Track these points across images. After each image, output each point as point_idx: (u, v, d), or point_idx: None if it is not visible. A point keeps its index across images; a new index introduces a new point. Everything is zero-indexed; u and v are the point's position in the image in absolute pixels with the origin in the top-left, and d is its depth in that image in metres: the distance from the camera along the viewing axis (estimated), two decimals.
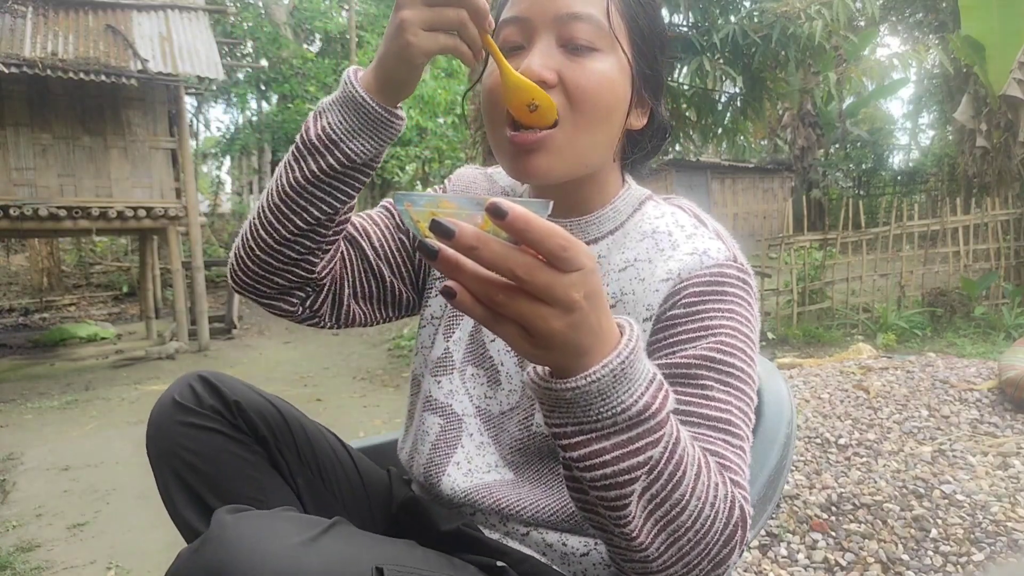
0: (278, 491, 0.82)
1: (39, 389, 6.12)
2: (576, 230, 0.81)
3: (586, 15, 0.71)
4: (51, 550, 2.77)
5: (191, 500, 0.78)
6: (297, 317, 0.86)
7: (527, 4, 0.73)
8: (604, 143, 0.76)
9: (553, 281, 0.45)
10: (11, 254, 14.58)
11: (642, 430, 0.51)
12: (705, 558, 0.57)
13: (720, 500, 0.57)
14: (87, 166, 7.53)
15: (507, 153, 0.75)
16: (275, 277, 0.81)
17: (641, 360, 0.52)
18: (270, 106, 17.09)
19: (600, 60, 0.72)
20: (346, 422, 4.68)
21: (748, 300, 0.72)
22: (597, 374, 0.49)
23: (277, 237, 0.78)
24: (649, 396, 0.52)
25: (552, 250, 0.44)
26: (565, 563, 0.76)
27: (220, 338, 8.66)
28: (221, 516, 0.60)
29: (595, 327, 0.48)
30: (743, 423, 0.66)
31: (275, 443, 0.82)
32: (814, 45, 5.07)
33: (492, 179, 0.93)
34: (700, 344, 0.67)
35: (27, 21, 7.42)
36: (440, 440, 0.85)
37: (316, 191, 0.76)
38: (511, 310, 0.46)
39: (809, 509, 2.21)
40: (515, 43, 0.75)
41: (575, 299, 0.46)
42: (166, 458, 0.79)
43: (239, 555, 0.54)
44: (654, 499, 0.54)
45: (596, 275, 0.47)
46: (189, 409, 0.79)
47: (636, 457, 0.51)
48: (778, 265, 6.62)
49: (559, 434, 0.53)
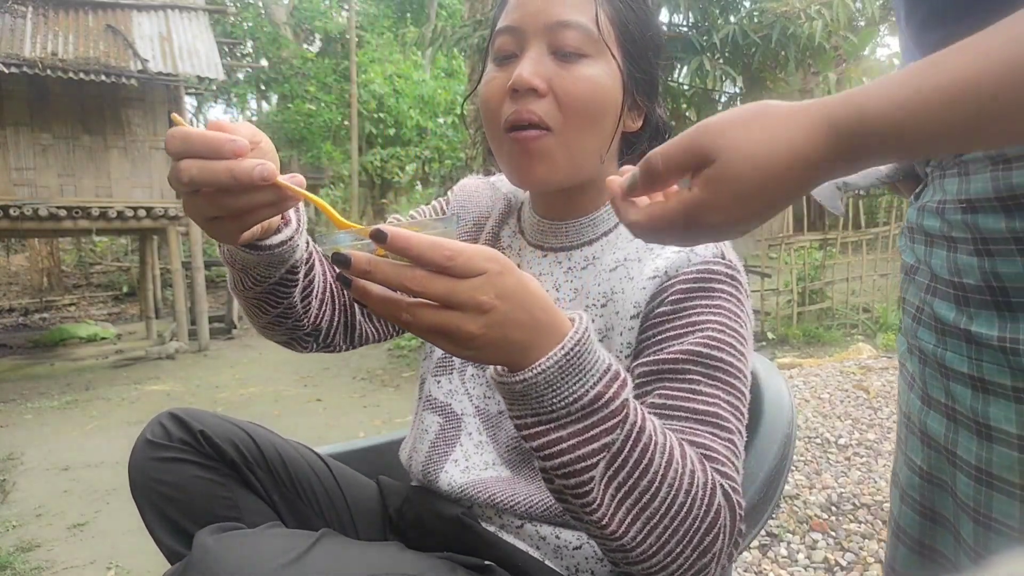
0: (254, 509, 0.84)
1: (39, 389, 6.12)
2: (572, 232, 0.83)
3: (575, 23, 0.73)
4: (51, 550, 2.77)
5: (171, 529, 0.81)
6: (314, 351, 0.91)
7: (519, 14, 0.75)
8: (597, 146, 0.78)
9: (452, 288, 0.48)
10: (11, 254, 14.59)
11: (596, 419, 0.54)
12: (688, 546, 0.58)
13: (698, 487, 0.58)
14: (87, 166, 7.54)
15: (507, 161, 0.78)
16: (279, 335, 0.86)
17: (592, 351, 0.54)
18: (270, 106, 17.11)
19: (589, 66, 0.74)
20: (346, 422, 4.68)
21: (737, 296, 0.72)
22: (542, 366, 0.52)
23: (259, 322, 0.84)
24: (602, 386, 0.54)
25: (437, 261, 0.47)
26: (558, 556, 0.77)
27: (220, 338, 8.66)
28: (203, 539, 0.61)
29: (525, 322, 0.51)
30: (732, 416, 0.67)
31: (245, 464, 0.85)
32: (814, 45, 5.07)
33: (495, 187, 0.95)
34: (687, 340, 0.68)
35: (27, 21, 7.43)
36: (439, 439, 0.86)
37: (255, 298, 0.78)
38: (424, 321, 0.49)
39: (809, 509, 2.21)
40: (509, 52, 0.76)
41: (483, 301, 0.49)
42: (144, 493, 0.82)
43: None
44: (621, 487, 0.56)
45: (508, 276, 0.50)
46: (160, 445, 0.82)
47: (591, 445, 0.54)
48: (778, 265, 6.63)
49: (519, 425, 0.56)
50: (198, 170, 0.55)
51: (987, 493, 0.58)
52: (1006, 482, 0.56)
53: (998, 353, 0.57)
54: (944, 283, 0.63)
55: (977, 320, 0.59)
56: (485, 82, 0.79)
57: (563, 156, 0.75)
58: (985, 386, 0.58)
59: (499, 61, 0.77)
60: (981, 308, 0.59)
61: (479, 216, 0.93)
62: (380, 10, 16.93)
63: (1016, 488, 0.56)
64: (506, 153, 0.77)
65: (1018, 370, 0.55)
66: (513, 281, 0.51)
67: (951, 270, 0.62)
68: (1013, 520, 0.56)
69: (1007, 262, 0.56)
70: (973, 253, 0.59)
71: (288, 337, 0.86)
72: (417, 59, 14.87)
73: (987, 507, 0.58)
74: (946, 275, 0.62)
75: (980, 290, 0.58)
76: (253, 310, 0.80)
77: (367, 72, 13.84)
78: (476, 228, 0.92)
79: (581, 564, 0.76)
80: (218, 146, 0.55)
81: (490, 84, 0.77)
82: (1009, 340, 0.56)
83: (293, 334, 0.85)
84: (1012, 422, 0.56)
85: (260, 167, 0.55)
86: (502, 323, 0.50)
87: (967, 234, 0.59)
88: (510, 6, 0.77)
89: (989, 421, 0.58)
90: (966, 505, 0.60)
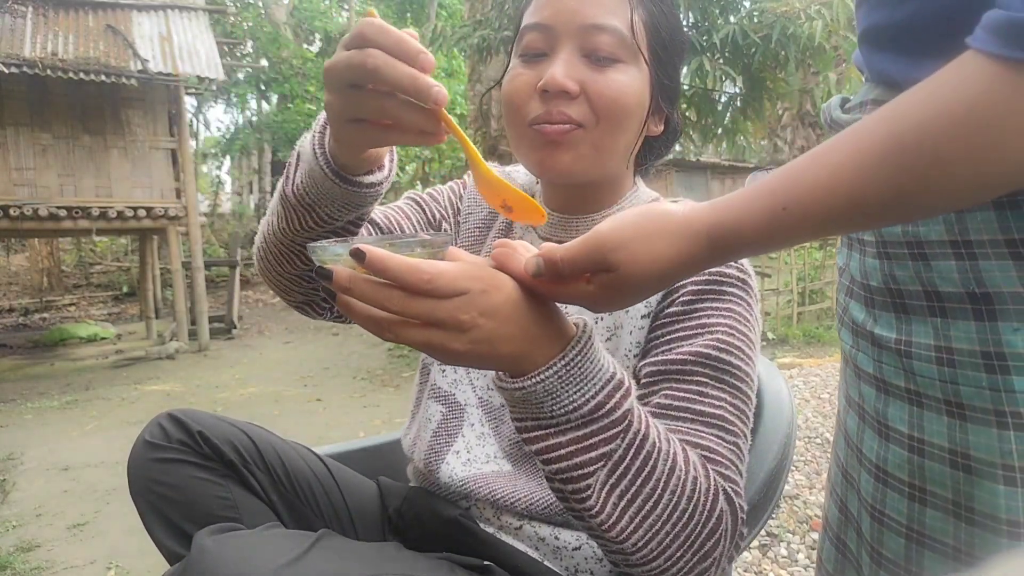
0: (252, 509, 0.84)
1: (39, 389, 6.12)
2: (582, 227, 0.83)
3: (610, 27, 0.72)
4: (51, 550, 2.77)
5: (170, 530, 0.81)
6: (328, 319, 0.87)
7: (551, 11, 0.74)
8: (623, 149, 0.78)
9: (433, 308, 0.48)
10: (11, 254, 14.58)
11: (596, 427, 0.54)
12: (688, 550, 0.59)
13: (700, 494, 0.58)
14: (87, 166, 7.54)
15: (529, 152, 0.76)
16: (294, 293, 0.82)
17: (594, 360, 0.55)
18: (270, 106, 17.11)
19: (622, 71, 0.73)
20: (346, 422, 4.68)
21: (747, 300, 0.72)
22: (542, 375, 0.53)
23: (286, 273, 0.79)
24: (604, 395, 0.54)
25: (415, 284, 0.48)
26: (557, 557, 0.77)
27: (220, 338, 8.66)
28: (202, 539, 0.61)
29: (515, 336, 0.51)
30: (738, 419, 0.67)
31: (243, 464, 0.85)
32: (814, 45, 5.06)
33: (510, 178, 0.94)
34: (696, 341, 0.68)
35: (27, 21, 7.42)
36: (442, 428, 0.86)
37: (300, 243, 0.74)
38: (408, 339, 0.50)
39: (809, 509, 2.21)
40: (538, 50, 0.75)
41: (464, 320, 0.49)
42: (143, 494, 0.82)
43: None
44: (624, 495, 0.56)
45: (493, 294, 0.50)
46: (158, 446, 0.82)
47: (589, 453, 0.54)
48: (778, 265, 6.63)
49: (519, 427, 0.56)
50: (385, 63, 0.53)
51: (882, 490, 0.61)
52: (897, 479, 0.59)
53: (895, 355, 0.59)
54: (858, 285, 0.65)
55: (880, 322, 0.61)
56: (511, 78, 0.77)
57: (590, 151, 0.74)
58: (886, 387, 0.61)
59: (527, 58, 0.76)
60: (883, 310, 0.61)
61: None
62: (380, 10, 16.93)
63: (904, 486, 0.59)
64: (528, 142, 0.76)
65: (910, 372, 0.57)
66: (500, 298, 0.51)
67: (862, 273, 0.64)
68: (902, 517, 0.59)
69: (901, 265, 0.58)
70: (876, 256, 0.61)
71: (307, 298, 0.82)
72: None
73: (882, 504, 0.61)
74: (859, 277, 0.65)
75: (882, 292, 0.61)
76: (288, 257, 0.76)
77: None
78: (491, 215, 0.92)
79: (580, 565, 0.76)
80: (412, 52, 0.54)
81: (516, 80, 0.76)
82: (904, 343, 0.58)
83: (315, 295, 0.82)
84: (904, 422, 0.58)
85: (438, 88, 0.54)
86: (489, 339, 0.50)
87: (873, 237, 0.62)
88: (541, 2, 0.75)
89: (887, 421, 0.60)
90: (866, 502, 0.63)
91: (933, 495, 0.56)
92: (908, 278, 0.57)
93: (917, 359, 0.57)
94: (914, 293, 0.57)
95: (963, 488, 0.54)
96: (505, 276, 0.52)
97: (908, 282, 0.57)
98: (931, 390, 0.56)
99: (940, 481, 0.56)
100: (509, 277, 0.52)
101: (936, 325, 0.55)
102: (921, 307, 0.57)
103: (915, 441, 0.57)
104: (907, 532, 0.58)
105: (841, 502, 0.69)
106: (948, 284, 0.54)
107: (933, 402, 0.56)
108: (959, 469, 0.54)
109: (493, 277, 0.51)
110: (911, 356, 0.57)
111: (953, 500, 0.55)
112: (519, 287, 0.52)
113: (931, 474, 0.56)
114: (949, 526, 0.55)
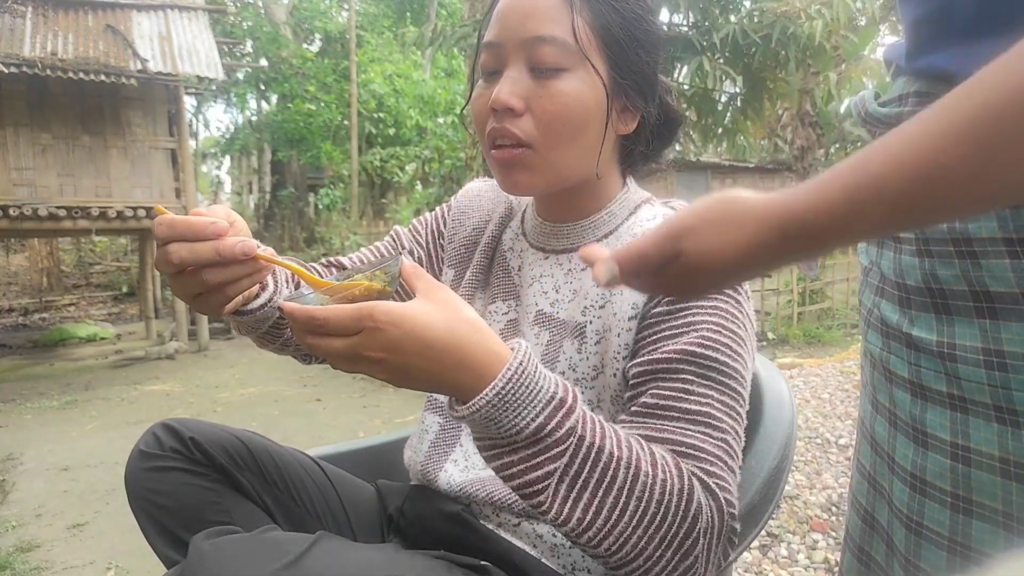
0: (245, 512, 0.85)
1: (39, 389, 6.12)
2: (573, 235, 0.83)
3: (550, 37, 0.72)
4: (51, 550, 2.77)
5: (167, 538, 0.82)
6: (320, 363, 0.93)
7: (498, 29, 0.75)
8: (581, 157, 0.77)
9: (338, 347, 0.55)
10: (11, 254, 14.58)
11: (540, 447, 0.57)
12: (668, 550, 0.59)
13: (670, 495, 0.59)
14: (87, 166, 7.54)
15: (494, 170, 0.79)
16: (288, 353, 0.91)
17: (530, 385, 0.57)
18: (270, 106, 17.10)
19: (567, 80, 0.73)
20: (346, 422, 4.68)
21: (736, 297, 0.72)
22: (479, 403, 0.56)
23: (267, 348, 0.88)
24: (544, 417, 0.56)
25: (315, 328, 0.54)
26: (555, 554, 0.77)
27: (220, 338, 8.66)
28: (198, 544, 0.61)
29: (428, 368, 0.55)
30: (726, 416, 0.66)
31: (235, 468, 0.86)
32: (814, 45, 5.07)
33: (499, 190, 0.95)
34: (681, 339, 0.68)
35: (27, 21, 7.42)
36: (439, 438, 0.87)
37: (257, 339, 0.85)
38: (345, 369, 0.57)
39: (809, 509, 2.21)
40: (491, 68, 0.76)
41: (370, 356, 0.54)
42: (139, 503, 0.83)
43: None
44: (589, 507, 0.58)
45: (389, 330, 0.54)
46: (152, 455, 0.83)
47: (537, 471, 0.57)
48: None
49: (479, 447, 0.60)
50: (187, 251, 0.61)
51: (920, 500, 0.58)
52: (938, 489, 0.56)
53: (935, 358, 0.56)
54: (891, 284, 0.62)
55: (917, 323, 0.58)
56: (473, 99, 0.80)
57: (544, 167, 0.76)
58: (923, 392, 0.58)
59: (485, 77, 0.78)
60: (921, 311, 0.58)
61: (480, 220, 0.93)
62: (380, 10, 16.91)
63: (947, 496, 0.55)
64: (491, 163, 0.78)
65: (953, 376, 0.55)
66: (397, 334, 0.54)
67: (896, 271, 0.61)
68: (944, 528, 0.56)
69: (945, 264, 0.55)
70: (915, 254, 0.58)
71: (298, 354, 0.92)
72: (417, 59, 14.85)
73: (920, 514, 0.58)
74: (892, 276, 0.62)
75: (920, 291, 0.58)
76: (259, 343, 0.86)
77: (367, 72, 13.82)
78: (476, 232, 0.93)
79: (578, 562, 0.76)
80: (201, 229, 0.61)
81: (476, 101, 0.78)
82: (946, 345, 0.55)
83: (298, 352, 0.91)
84: (946, 429, 0.55)
85: (241, 243, 0.62)
86: (401, 370, 0.55)
87: (911, 234, 0.59)
88: (491, 21, 0.77)
89: (925, 427, 0.57)
90: (900, 512, 0.60)
91: (980, 506, 0.53)
92: (952, 277, 0.54)
93: (963, 363, 0.54)
94: (959, 293, 0.54)
95: (1016, 499, 0.51)
96: (410, 312, 0.55)
97: (952, 281, 0.54)
98: (978, 395, 0.53)
99: (989, 492, 0.53)
100: (418, 313, 0.55)
101: (984, 327, 0.52)
102: (967, 308, 0.54)
103: (959, 449, 0.54)
104: (949, 544, 0.55)
105: (866, 512, 0.67)
106: (1000, 284, 0.51)
107: (980, 407, 0.53)
108: (1011, 479, 0.51)
109: (389, 313, 0.54)
110: (955, 359, 0.54)
111: (1004, 511, 0.52)
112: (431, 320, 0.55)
113: (978, 484, 0.53)
114: (999, 539, 0.52)
